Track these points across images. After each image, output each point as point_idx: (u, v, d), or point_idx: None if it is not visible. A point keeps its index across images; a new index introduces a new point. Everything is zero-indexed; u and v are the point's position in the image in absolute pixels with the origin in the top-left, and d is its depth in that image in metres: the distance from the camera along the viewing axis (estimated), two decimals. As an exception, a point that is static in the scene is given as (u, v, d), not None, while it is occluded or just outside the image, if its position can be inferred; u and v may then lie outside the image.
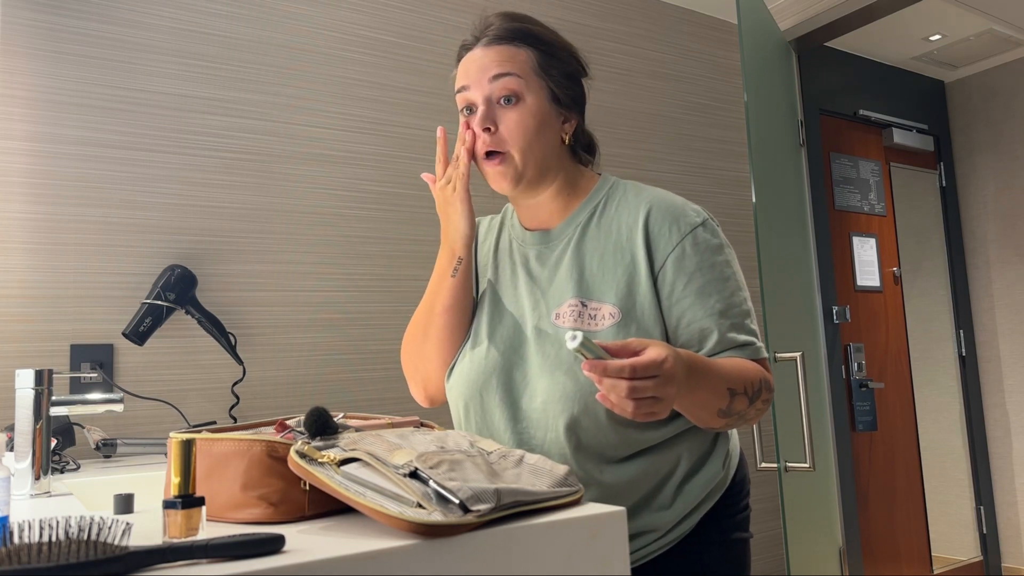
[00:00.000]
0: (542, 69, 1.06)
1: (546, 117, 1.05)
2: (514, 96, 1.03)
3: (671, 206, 1.05)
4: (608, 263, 1.04)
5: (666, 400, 0.84)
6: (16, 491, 1.07)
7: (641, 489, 1.02)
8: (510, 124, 1.04)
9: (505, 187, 1.06)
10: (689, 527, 1.04)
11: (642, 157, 2.69)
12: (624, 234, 1.05)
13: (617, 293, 1.02)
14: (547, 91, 1.06)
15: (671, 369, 0.84)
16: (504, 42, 1.05)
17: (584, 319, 1.02)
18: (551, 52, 1.07)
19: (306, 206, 2.02)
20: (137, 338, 1.70)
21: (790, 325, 2.47)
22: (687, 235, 1.02)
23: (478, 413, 1.07)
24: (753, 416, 1.01)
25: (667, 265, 1.02)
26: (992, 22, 3.16)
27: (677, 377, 0.85)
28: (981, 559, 3.48)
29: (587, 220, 1.09)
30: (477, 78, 1.05)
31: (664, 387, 0.83)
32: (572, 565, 0.71)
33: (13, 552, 0.52)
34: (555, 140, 1.07)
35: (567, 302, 1.04)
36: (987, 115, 3.65)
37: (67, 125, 1.75)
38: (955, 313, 3.61)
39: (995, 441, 3.55)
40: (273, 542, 0.61)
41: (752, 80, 2.31)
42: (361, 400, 2.04)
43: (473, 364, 1.08)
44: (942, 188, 3.71)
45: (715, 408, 0.95)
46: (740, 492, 1.11)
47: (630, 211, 1.06)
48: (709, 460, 1.07)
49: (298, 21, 2.07)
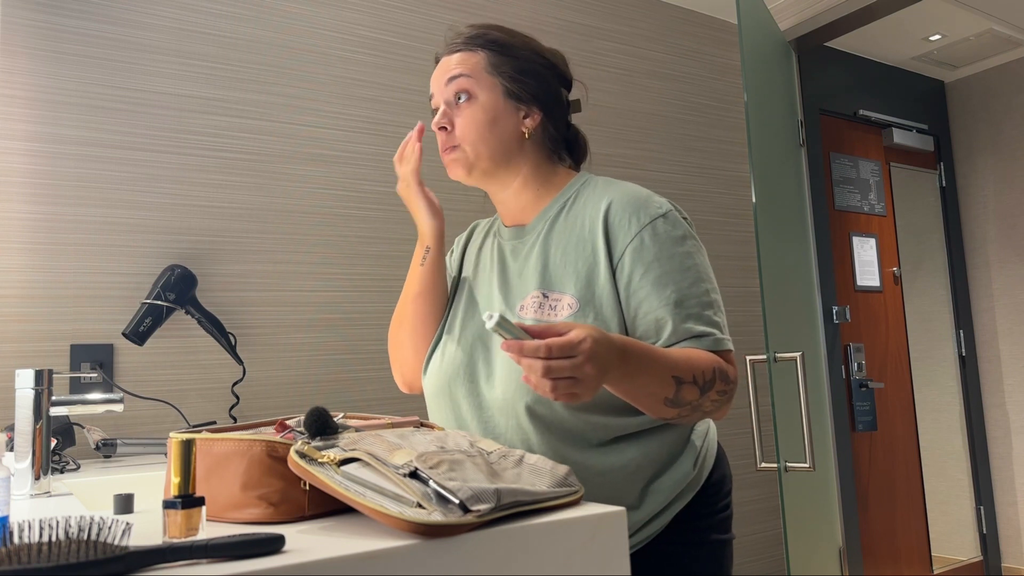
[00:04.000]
0: (494, 68, 1.12)
1: (499, 112, 1.11)
2: (464, 93, 1.11)
3: (633, 198, 1.07)
4: (570, 255, 1.07)
5: (585, 381, 0.83)
6: (16, 491, 1.07)
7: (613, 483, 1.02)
8: (462, 121, 1.11)
9: (459, 175, 1.13)
10: (659, 527, 1.04)
11: (642, 157, 2.69)
12: (587, 226, 1.07)
13: (577, 284, 1.04)
14: (500, 88, 1.12)
15: (590, 350, 0.83)
16: (460, 48, 1.14)
17: (544, 310, 1.04)
18: (504, 52, 1.13)
19: (306, 206, 2.02)
20: (137, 338, 1.70)
21: (790, 325, 2.47)
22: (646, 226, 1.03)
23: (448, 406, 1.11)
24: (711, 408, 1.00)
25: (625, 255, 1.03)
26: (992, 22, 3.16)
27: (599, 359, 0.84)
28: (981, 559, 3.48)
29: (556, 214, 1.12)
30: (438, 84, 1.14)
31: (582, 368, 0.82)
32: (572, 565, 0.71)
33: (13, 552, 0.52)
34: (511, 133, 1.12)
35: (531, 294, 1.07)
36: (987, 115, 3.65)
37: (67, 125, 1.75)
38: (955, 313, 3.61)
39: (995, 441, 3.55)
40: (273, 542, 0.61)
41: (752, 80, 2.31)
42: (361, 400, 2.04)
43: (444, 358, 1.13)
44: (942, 188, 3.71)
45: (661, 396, 0.94)
46: (717, 493, 1.10)
47: (594, 203, 1.09)
48: (679, 460, 1.07)
49: (298, 21, 2.07)
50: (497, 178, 1.14)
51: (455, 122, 1.11)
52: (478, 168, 1.12)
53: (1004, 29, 3.22)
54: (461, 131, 1.11)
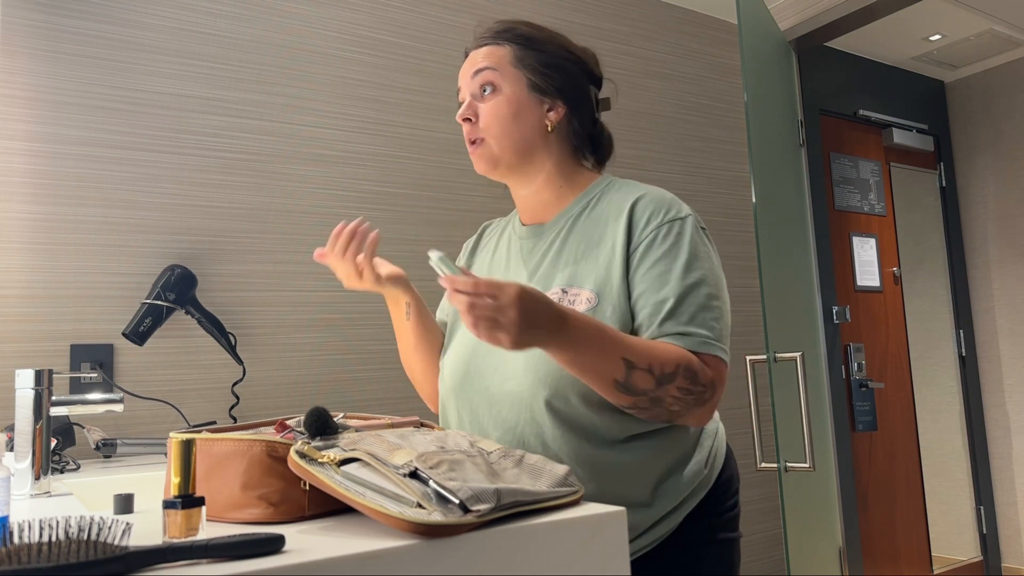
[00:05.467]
0: (519, 61, 1.12)
1: (522, 105, 1.11)
2: (489, 86, 1.12)
3: (659, 198, 1.08)
4: (591, 251, 1.07)
5: (507, 326, 0.86)
6: (16, 491, 1.07)
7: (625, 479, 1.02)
8: (486, 113, 1.12)
9: (484, 169, 1.14)
10: (671, 527, 1.04)
11: (642, 157, 2.69)
12: (610, 223, 1.08)
13: (596, 279, 1.05)
14: (525, 80, 1.12)
15: (516, 296, 0.86)
16: (487, 42, 1.15)
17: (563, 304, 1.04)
18: (529, 45, 1.13)
19: (306, 206, 2.02)
20: (137, 338, 1.70)
21: (790, 325, 2.47)
22: (664, 224, 1.05)
23: (462, 402, 1.11)
24: (677, 407, 0.97)
25: (639, 249, 1.04)
26: (992, 22, 3.16)
27: (527, 311, 0.87)
28: (981, 559, 3.48)
29: (579, 213, 1.13)
30: (465, 78, 1.15)
31: (504, 311, 0.86)
32: (572, 565, 0.71)
33: (13, 552, 0.52)
34: (535, 126, 1.12)
35: (551, 290, 1.07)
36: (987, 115, 3.65)
37: (67, 125, 1.75)
38: (955, 313, 3.61)
39: (995, 441, 3.55)
40: (273, 542, 0.61)
41: (752, 80, 2.31)
42: (361, 400, 2.04)
43: (456, 357, 1.14)
44: (942, 188, 3.71)
45: (610, 377, 0.94)
46: (726, 492, 1.11)
47: (619, 202, 1.10)
48: (690, 460, 1.07)
49: (298, 21, 2.07)
50: (521, 173, 1.14)
51: (479, 114, 1.12)
52: (503, 162, 1.12)
53: (1004, 29, 3.22)
54: (485, 123, 1.11)
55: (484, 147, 1.12)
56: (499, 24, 1.16)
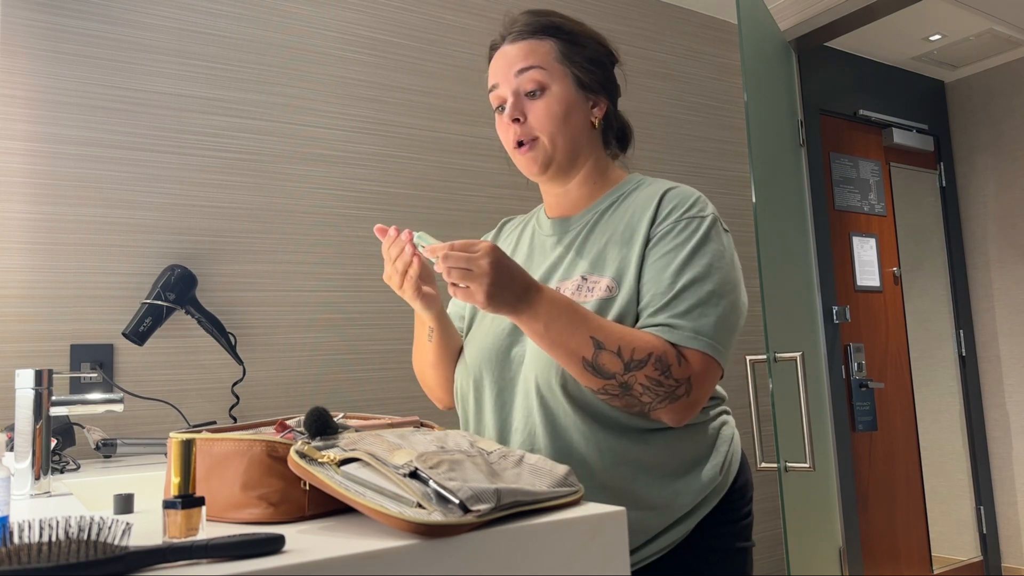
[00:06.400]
0: (565, 57, 1.09)
1: (572, 102, 1.09)
2: (539, 87, 1.08)
3: (688, 194, 1.08)
4: (616, 240, 1.07)
5: (478, 276, 0.89)
6: (16, 491, 1.07)
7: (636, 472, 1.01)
8: (538, 113, 1.08)
9: (535, 171, 1.11)
10: (685, 531, 1.02)
11: (642, 157, 2.69)
12: (637, 214, 1.07)
13: (618, 267, 1.05)
14: (572, 77, 1.09)
15: (489, 250, 0.90)
16: (527, 36, 1.10)
17: (582, 292, 1.05)
18: (573, 40, 1.11)
19: (306, 206, 2.02)
20: (137, 338, 1.70)
21: (790, 325, 2.47)
22: (684, 219, 1.04)
23: (482, 390, 1.11)
24: (647, 397, 0.96)
25: (656, 237, 1.04)
26: (992, 22, 3.16)
27: (499, 266, 0.90)
28: (981, 559, 3.48)
29: (607, 207, 1.12)
30: (504, 74, 1.10)
31: (476, 261, 0.89)
32: (572, 565, 0.71)
33: (13, 552, 0.52)
34: (584, 124, 1.11)
35: (572, 278, 1.07)
36: (987, 115, 3.65)
37: (67, 125, 1.75)
38: (955, 313, 3.61)
39: (995, 441, 3.55)
40: (273, 542, 0.61)
41: (752, 80, 2.31)
42: (361, 400, 2.04)
43: (474, 348, 1.13)
44: (942, 188, 3.71)
45: (579, 355, 0.94)
46: (742, 499, 1.09)
47: (648, 196, 1.09)
48: (707, 462, 1.05)
49: (298, 21, 2.07)
50: (567, 172, 1.12)
51: (527, 114, 1.08)
52: (555, 162, 1.10)
53: (1004, 29, 3.22)
54: (538, 123, 1.08)
55: (538, 148, 1.08)
56: (534, 17, 1.11)
